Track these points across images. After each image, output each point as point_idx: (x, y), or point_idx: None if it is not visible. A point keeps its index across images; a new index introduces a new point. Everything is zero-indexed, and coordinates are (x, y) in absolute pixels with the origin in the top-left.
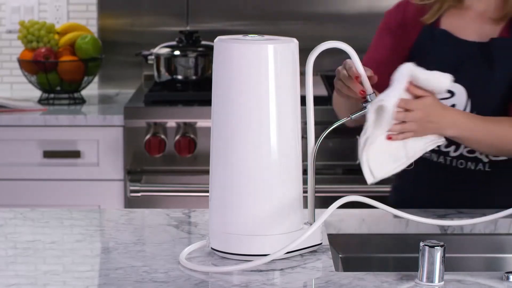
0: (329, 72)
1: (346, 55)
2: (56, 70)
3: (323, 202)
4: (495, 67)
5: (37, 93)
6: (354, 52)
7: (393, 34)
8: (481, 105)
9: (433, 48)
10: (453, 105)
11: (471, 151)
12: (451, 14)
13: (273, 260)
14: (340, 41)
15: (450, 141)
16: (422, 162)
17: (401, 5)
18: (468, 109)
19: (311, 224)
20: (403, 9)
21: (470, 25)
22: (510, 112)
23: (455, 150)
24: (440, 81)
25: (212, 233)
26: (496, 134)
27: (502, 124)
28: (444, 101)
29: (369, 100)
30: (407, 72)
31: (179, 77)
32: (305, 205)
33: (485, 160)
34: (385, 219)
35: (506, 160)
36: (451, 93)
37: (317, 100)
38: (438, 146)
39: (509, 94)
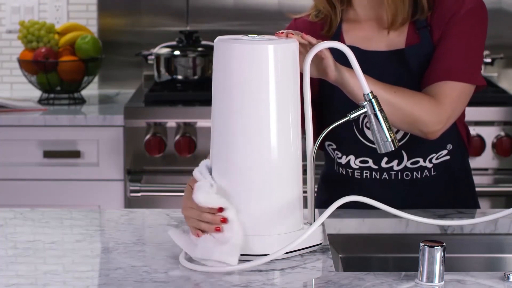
0: None
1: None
2: (56, 70)
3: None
4: (415, 73)
5: (37, 93)
6: (351, 52)
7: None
8: None
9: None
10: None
11: (414, 162)
12: (351, 29)
13: (273, 260)
14: (337, 41)
15: (391, 156)
16: (365, 185)
17: (292, 28)
18: None
19: (311, 224)
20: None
21: (375, 35)
22: (423, 85)
23: (398, 164)
24: None
25: None
26: (388, 102)
27: (402, 95)
28: None
29: (367, 99)
30: None
31: (179, 77)
32: (305, 205)
33: (429, 166)
34: (385, 219)
35: (446, 160)
36: None
37: None
38: (379, 164)
39: None
